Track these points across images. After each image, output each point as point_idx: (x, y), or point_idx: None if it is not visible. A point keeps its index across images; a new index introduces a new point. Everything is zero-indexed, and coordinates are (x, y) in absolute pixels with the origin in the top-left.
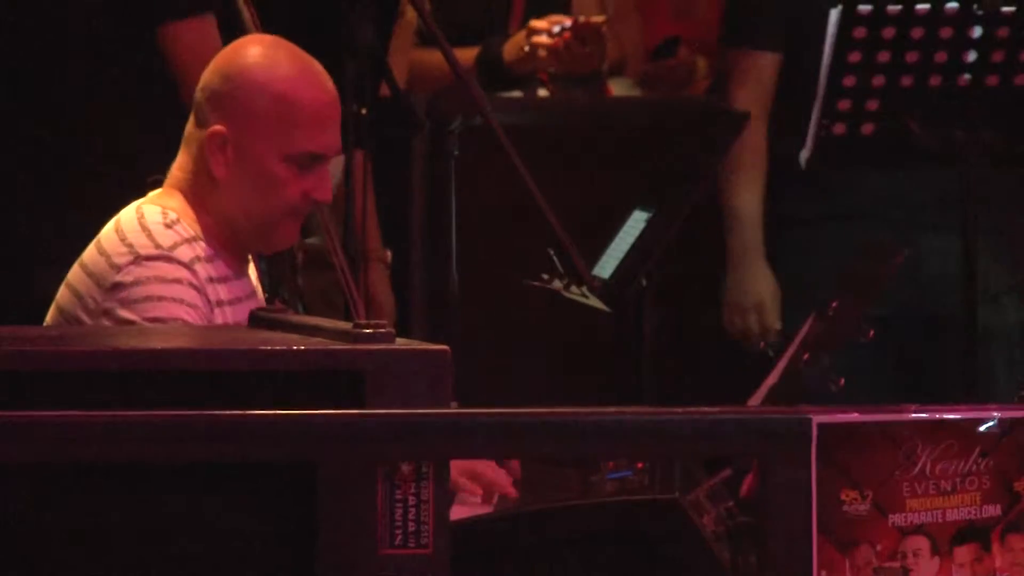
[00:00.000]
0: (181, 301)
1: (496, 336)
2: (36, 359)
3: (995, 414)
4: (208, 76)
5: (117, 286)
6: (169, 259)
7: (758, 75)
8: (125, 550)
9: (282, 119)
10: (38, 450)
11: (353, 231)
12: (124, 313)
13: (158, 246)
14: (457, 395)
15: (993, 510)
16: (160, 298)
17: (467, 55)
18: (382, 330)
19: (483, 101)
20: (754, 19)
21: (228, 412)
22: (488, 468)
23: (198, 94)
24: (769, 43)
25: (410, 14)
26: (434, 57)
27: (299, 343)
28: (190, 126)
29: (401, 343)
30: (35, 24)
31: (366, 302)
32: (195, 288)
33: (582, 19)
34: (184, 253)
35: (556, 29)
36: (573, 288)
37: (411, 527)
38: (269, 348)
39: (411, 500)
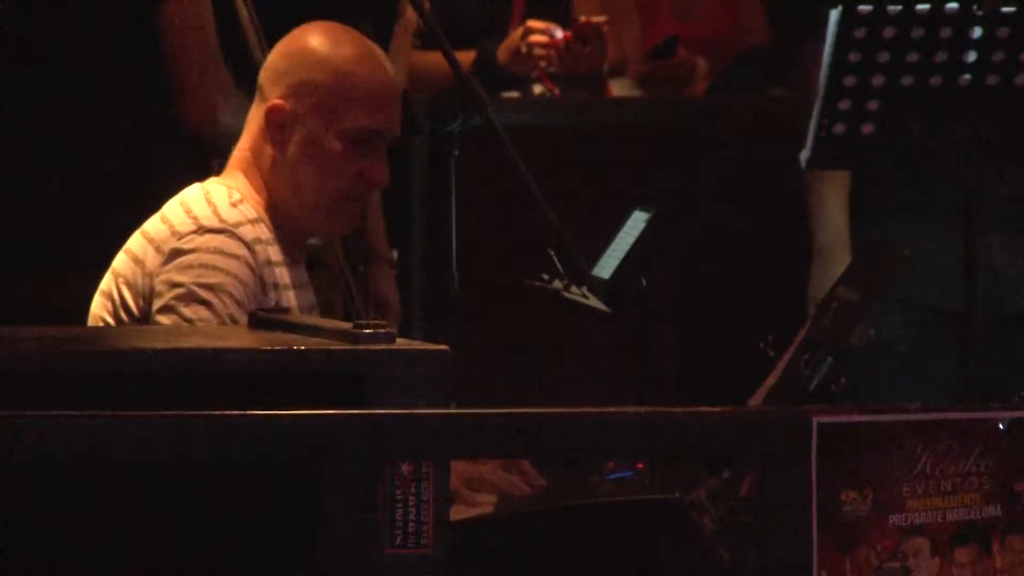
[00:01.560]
0: (235, 276)
1: (496, 336)
2: (37, 359)
3: (995, 414)
4: (271, 56)
5: (176, 252)
6: (232, 234)
7: None
8: (125, 550)
9: (340, 93)
10: (38, 450)
11: (355, 232)
12: (176, 276)
13: (223, 221)
14: (457, 395)
15: (993, 511)
16: (215, 268)
17: (464, 58)
18: (382, 330)
19: (484, 101)
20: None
21: (228, 412)
22: (490, 471)
23: (261, 75)
24: None
25: (410, 15)
26: (433, 60)
27: (299, 343)
28: (253, 106)
29: (401, 343)
30: (34, 14)
31: (372, 302)
32: (251, 268)
33: (583, 19)
34: (247, 232)
35: (558, 34)
36: (573, 288)
37: (411, 527)
38: (269, 348)
39: (411, 500)
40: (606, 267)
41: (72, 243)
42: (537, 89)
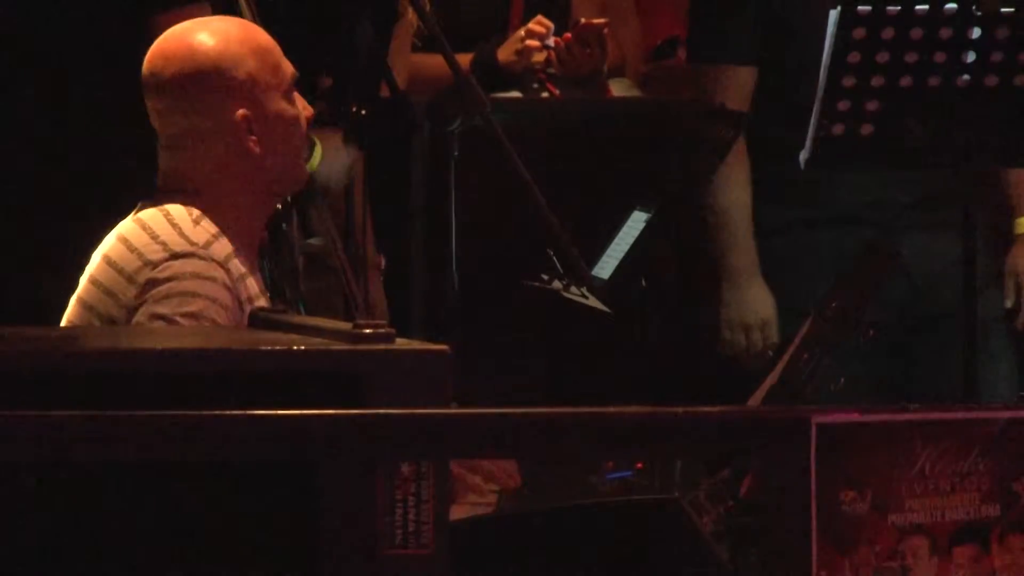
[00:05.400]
0: (215, 300)
1: (496, 336)
2: (36, 359)
3: (995, 414)
4: (181, 79)
5: (152, 282)
6: (205, 256)
7: (738, 89)
8: (124, 550)
9: (267, 66)
10: (38, 450)
11: (354, 233)
12: (157, 308)
13: (192, 243)
14: (457, 395)
15: (992, 510)
16: (195, 294)
17: (463, 60)
18: (382, 330)
19: (483, 102)
20: (728, 34)
21: (228, 412)
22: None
23: (186, 97)
24: (746, 56)
25: (410, 15)
26: (433, 61)
27: (299, 343)
28: (181, 127)
29: (401, 343)
30: (33, 22)
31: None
32: (228, 288)
33: (583, 21)
34: (218, 250)
35: (550, 42)
36: (573, 288)
37: (411, 527)
38: (269, 348)
39: (411, 500)
40: (606, 267)
41: (71, 243)
42: (543, 93)
